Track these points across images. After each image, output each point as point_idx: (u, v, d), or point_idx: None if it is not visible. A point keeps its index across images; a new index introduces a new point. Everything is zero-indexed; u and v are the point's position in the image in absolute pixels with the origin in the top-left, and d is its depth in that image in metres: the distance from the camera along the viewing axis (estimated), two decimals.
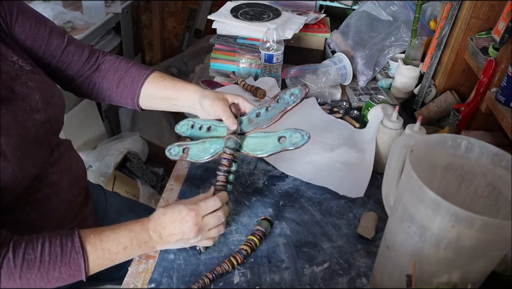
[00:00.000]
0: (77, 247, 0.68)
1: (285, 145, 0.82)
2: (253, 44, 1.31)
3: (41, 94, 0.79)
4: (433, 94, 1.22)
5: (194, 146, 0.92)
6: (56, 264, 0.67)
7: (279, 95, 0.88)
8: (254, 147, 0.86)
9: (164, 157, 0.97)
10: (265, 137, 0.85)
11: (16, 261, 0.65)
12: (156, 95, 0.94)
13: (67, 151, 0.90)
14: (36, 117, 0.77)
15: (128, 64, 0.94)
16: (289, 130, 0.82)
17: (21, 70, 0.78)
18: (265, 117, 0.87)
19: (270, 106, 0.88)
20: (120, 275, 0.97)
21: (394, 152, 0.71)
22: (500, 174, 0.63)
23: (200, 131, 0.95)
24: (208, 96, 0.90)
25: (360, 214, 0.90)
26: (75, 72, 0.91)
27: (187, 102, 0.93)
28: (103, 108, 2.18)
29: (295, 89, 0.86)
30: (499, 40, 0.91)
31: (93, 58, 0.93)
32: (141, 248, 0.74)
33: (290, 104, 0.85)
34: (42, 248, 0.67)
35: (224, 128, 0.90)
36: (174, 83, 0.93)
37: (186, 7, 2.83)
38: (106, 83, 0.93)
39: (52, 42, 0.85)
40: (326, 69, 1.30)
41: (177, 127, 0.99)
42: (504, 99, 0.88)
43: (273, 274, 0.77)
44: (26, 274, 0.65)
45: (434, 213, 0.55)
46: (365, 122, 1.16)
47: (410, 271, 0.59)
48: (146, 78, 0.93)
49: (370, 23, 1.42)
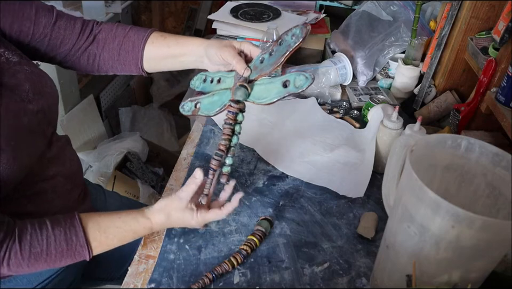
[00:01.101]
0: (82, 241, 0.72)
1: (290, 89, 0.79)
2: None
3: (31, 85, 0.78)
4: (433, 94, 1.22)
5: (204, 100, 0.89)
6: (63, 257, 0.71)
7: (281, 37, 0.85)
8: (258, 95, 0.83)
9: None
10: (270, 83, 0.82)
11: (23, 253, 0.68)
12: (160, 55, 0.92)
13: (65, 146, 0.90)
14: (28, 107, 0.77)
15: (125, 29, 0.92)
16: (293, 74, 0.80)
17: (7, 62, 0.77)
18: (268, 62, 0.84)
19: (273, 50, 0.85)
20: (120, 275, 0.97)
21: (394, 152, 0.71)
22: (499, 174, 0.63)
23: (212, 84, 0.91)
24: (214, 45, 0.87)
25: (360, 214, 0.90)
26: (71, 46, 0.88)
27: (193, 56, 0.91)
28: (103, 108, 2.18)
29: (296, 29, 0.83)
30: (499, 40, 0.91)
31: (87, 29, 0.90)
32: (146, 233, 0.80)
33: (292, 46, 0.82)
34: (47, 241, 0.70)
35: (232, 79, 0.87)
36: (176, 39, 0.91)
37: (186, 7, 2.83)
38: (107, 53, 0.91)
39: (40, 21, 0.83)
40: (326, 69, 1.30)
41: (191, 82, 0.96)
42: (504, 99, 0.88)
43: (273, 274, 0.77)
44: (34, 264, 0.70)
45: (434, 213, 0.55)
46: (365, 122, 1.16)
47: (410, 271, 0.59)
48: (147, 40, 0.90)
49: (370, 23, 1.42)
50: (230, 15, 1.35)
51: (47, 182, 0.82)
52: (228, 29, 1.34)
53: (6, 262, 0.67)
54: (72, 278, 0.95)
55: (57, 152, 0.86)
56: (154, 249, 0.82)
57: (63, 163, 0.88)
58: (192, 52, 0.90)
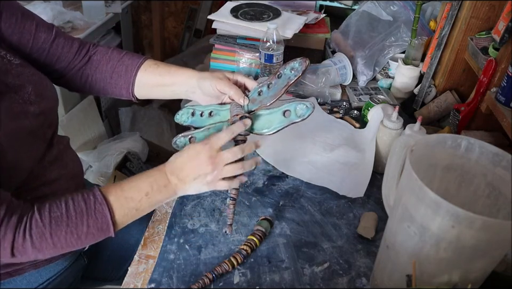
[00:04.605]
0: (100, 198, 0.70)
1: (291, 118, 0.80)
2: (253, 44, 1.31)
3: (33, 87, 0.79)
4: (433, 94, 1.22)
5: (200, 134, 0.88)
6: (83, 217, 0.68)
7: (279, 71, 0.85)
8: (260, 126, 0.83)
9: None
10: (270, 114, 0.83)
11: (43, 220, 0.66)
12: (151, 82, 0.92)
13: (65, 148, 0.90)
14: (30, 109, 0.77)
15: (120, 53, 0.93)
16: (293, 103, 0.81)
17: (10, 64, 0.78)
18: (268, 95, 0.84)
19: (272, 83, 0.85)
20: (120, 275, 0.97)
21: (394, 152, 0.71)
22: (500, 174, 0.63)
23: (202, 118, 0.91)
24: (207, 77, 0.87)
25: (360, 214, 0.90)
26: (66, 65, 0.90)
27: (185, 87, 0.91)
28: (103, 108, 2.18)
29: (295, 62, 0.83)
30: (499, 40, 0.91)
31: (83, 50, 0.91)
32: (162, 192, 0.74)
33: (292, 79, 0.83)
34: (66, 205, 0.68)
35: (227, 111, 0.87)
36: (169, 69, 0.92)
37: (186, 7, 2.83)
38: (99, 74, 0.92)
39: (39, 36, 0.84)
40: (326, 69, 1.30)
41: (176, 117, 0.95)
42: (504, 99, 0.88)
43: (273, 274, 0.77)
44: (56, 231, 0.67)
45: (434, 213, 0.55)
46: (365, 122, 1.16)
47: (410, 271, 0.59)
48: (140, 66, 0.91)
49: (370, 23, 1.42)
50: (230, 15, 1.35)
51: (48, 186, 0.82)
52: (228, 28, 1.34)
53: (28, 232, 0.66)
54: (71, 279, 0.95)
55: (58, 154, 0.86)
56: (154, 249, 0.82)
57: (65, 165, 0.88)
58: (183, 82, 0.91)
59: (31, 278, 0.85)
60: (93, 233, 0.70)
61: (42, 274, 0.87)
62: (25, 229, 0.66)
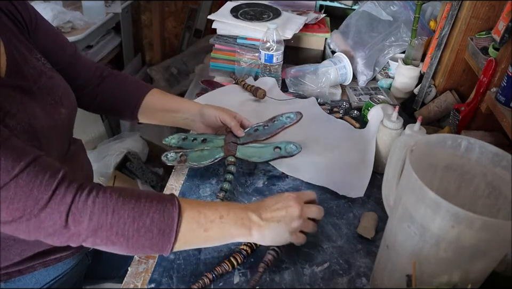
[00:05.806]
0: (174, 201, 0.65)
1: (281, 153, 0.93)
2: (253, 44, 1.31)
3: (62, 90, 0.84)
4: (433, 94, 1.22)
5: (192, 154, 0.95)
6: (151, 209, 0.63)
7: (275, 117, 1.00)
8: (251, 154, 0.94)
9: None
10: (262, 147, 0.95)
11: (112, 193, 0.62)
12: (156, 107, 0.99)
13: (80, 150, 0.94)
14: (62, 111, 0.82)
15: (131, 79, 1.01)
16: (283, 142, 0.95)
17: (44, 66, 0.82)
18: (263, 132, 0.98)
19: (268, 125, 0.99)
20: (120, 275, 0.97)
21: (394, 152, 0.71)
22: (500, 174, 0.63)
23: (193, 143, 0.99)
24: (211, 107, 0.96)
25: (360, 214, 0.90)
26: (83, 82, 0.95)
27: (187, 114, 0.98)
28: None
29: (291, 114, 1.00)
30: (499, 40, 0.91)
31: (98, 71, 0.98)
32: (237, 224, 0.68)
33: (287, 124, 0.98)
34: (139, 193, 0.65)
35: (221, 140, 0.96)
36: (174, 97, 1.01)
37: (186, 7, 2.83)
38: (108, 95, 0.98)
39: (66, 48, 0.92)
40: (326, 69, 1.30)
41: (165, 139, 1.02)
42: (504, 99, 0.88)
43: (273, 274, 0.77)
44: (120, 210, 0.61)
45: (434, 213, 0.55)
46: (365, 122, 1.16)
47: (410, 271, 0.59)
48: (147, 92, 0.99)
49: (370, 23, 1.42)
50: (230, 15, 1.35)
51: None
52: (228, 28, 1.34)
53: (91, 199, 0.60)
54: (76, 278, 0.97)
55: (74, 155, 0.90)
56: None
57: (81, 167, 0.92)
58: (186, 110, 0.98)
59: (40, 276, 0.86)
60: (152, 232, 0.63)
61: (50, 273, 0.87)
62: (88, 194, 0.60)
